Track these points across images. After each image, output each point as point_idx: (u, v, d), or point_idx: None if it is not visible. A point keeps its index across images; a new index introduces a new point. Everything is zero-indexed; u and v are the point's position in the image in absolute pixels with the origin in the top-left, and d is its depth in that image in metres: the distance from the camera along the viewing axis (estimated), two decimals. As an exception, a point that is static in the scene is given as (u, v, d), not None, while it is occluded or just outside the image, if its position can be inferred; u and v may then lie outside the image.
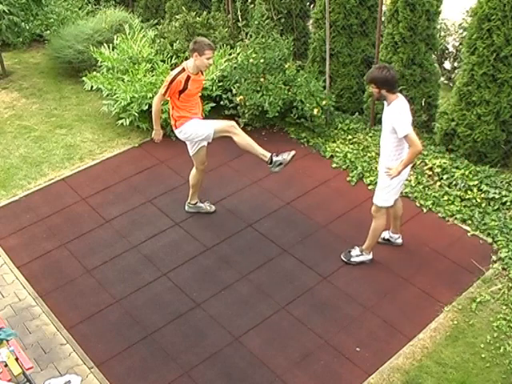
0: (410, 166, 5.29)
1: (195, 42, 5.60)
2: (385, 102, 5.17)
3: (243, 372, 4.80)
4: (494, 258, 5.70)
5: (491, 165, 6.55)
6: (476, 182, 6.36)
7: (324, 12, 7.29)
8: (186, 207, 6.45)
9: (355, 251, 5.73)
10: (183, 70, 5.63)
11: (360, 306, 5.30)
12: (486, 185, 6.32)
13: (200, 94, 6.05)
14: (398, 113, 5.01)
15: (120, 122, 7.66)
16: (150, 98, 7.38)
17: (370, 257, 5.71)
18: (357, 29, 7.44)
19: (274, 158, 5.78)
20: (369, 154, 7.03)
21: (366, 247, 5.67)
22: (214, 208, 6.46)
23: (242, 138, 5.85)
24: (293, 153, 5.77)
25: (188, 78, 5.61)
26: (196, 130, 5.85)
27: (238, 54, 7.86)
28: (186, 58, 7.87)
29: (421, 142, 6.91)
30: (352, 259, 5.71)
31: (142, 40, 8.15)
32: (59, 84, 9.22)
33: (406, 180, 6.62)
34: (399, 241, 5.90)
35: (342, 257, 5.74)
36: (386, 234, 5.88)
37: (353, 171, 6.82)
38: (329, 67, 7.57)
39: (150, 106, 7.48)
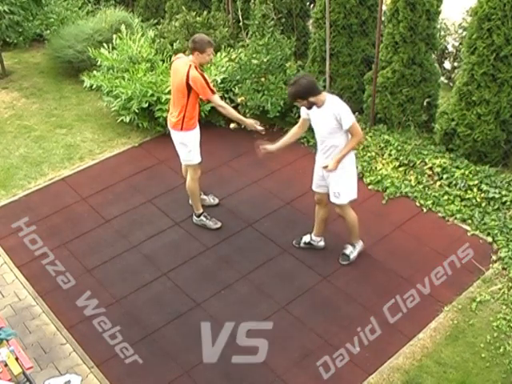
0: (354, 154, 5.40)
1: (195, 42, 5.58)
2: (314, 107, 5.14)
3: (243, 372, 4.80)
4: (493, 257, 5.70)
5: (491, 164, 6.55)
6: (476, 182, 6.36)
7: (324, 12, 7.29)
8: (190, 201, 6.30)
9: (349, 250, 5.74)
10: (195, 67, 5.58)
11: (360, 306, 5.30)
12: (486, 184, 6.32)
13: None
14: (339, 106, 5.08)
15: (120, 118, 7.66)
16: (151, 95, 7.38)
17: (361, 243, 5.76)
18: (357, 28, 7.44)
19: (202, 217, 6.17)
20: (369, 154, 7.02)
21: (354, 239, 5.71)
22: (217, 200, 6.48)
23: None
24: (219, 225, 6.17)
25: (201, 73, 5.63)
26: (197, 147, 5.95)
27: (239, 54, 7.85)
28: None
29: (420, 142, 7.02)
30: (351, 258, 5.72)
31: (141, 40, 8.15)
32: (59, 84, 9.22)
33: (406, 180, 6.65)
34: (321, 243, 5.88)
35: (342, 262, 5.72)
36: (307, 238, 5.89)
37: (353, 171, 6.82)
38: (329, 67, 7.57)
39: (150, 104, 7.50)
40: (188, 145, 5.90)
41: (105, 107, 7.99)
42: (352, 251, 5.73)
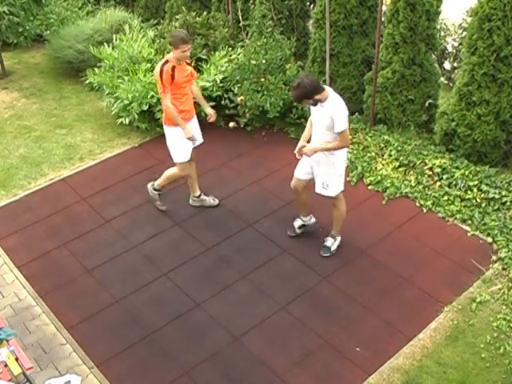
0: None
1: (171, 36, 5.84)
2: (319, 103, 5.21)
3: (243, 372, 4.80)
4: (493, 258, 5.70)
5: (491, 165, 6.55)
6: (476, 182, 6.36)
7: (324, 12, 7.29)
8: (190, 201, 6.48)
9: (329, 242, 5.85)
10: (167, 61, 5.75)
11: (360, 306, 5.30)
12: (486, 185, 6.32)
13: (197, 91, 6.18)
14: (339, 108, 5.16)
15: (119, 120, 7.66)
16: (151, 97, 7.39)
17: (340, 237, 5.88)
18: (357, 29, 7.44)
19: (157, 193, 6.36)
20: (369, 154, 7.03)
21: (337, 232, 5.84)
22: (217, 201, 6.50)
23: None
24: (163, 208, 6.40)
25: (174, 67, 5.70)
26: (177, 144, 6.00)
27: (239, 54, 7.85)
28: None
29: (420, 142, 7.03)
30: (332, 249, 5.82)
31: (141, 40, 8.15)
32: (59, 84, 9.22)
33: (406, 180, 6.65)
34: (313, 219, 6.06)
35: (323, 254, 5.82)
36: (298, 222, 6.02)
37: (353, 171, 6.82)
38: (329, 67, 7.57)
39: (151, 106, 7.50)
40: (167, 140, 6.05)
41: (105, 107, 7.98)
42: (333, 243, 5.84)
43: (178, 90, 5.82)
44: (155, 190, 6.36)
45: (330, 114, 5.12)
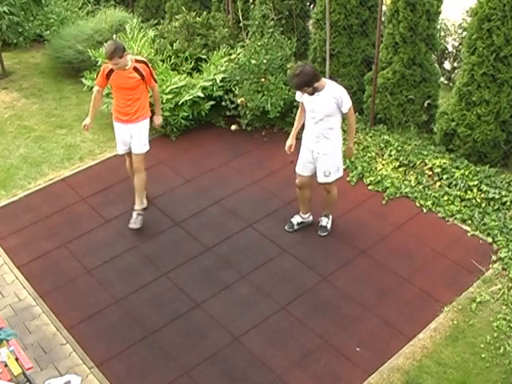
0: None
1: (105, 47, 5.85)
2: (315, 93, 5.38)
3: (243, 372, 4.80)
4: (493, 258, 5.70)
5: (491, 165, 6.55)
6: (476, 182, 6.36)
7: (324, 12, 7.29)
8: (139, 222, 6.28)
9: (325, 221, 6.06)
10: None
11: (360, 306, 5.30)
12: (486, 185, 6.32)
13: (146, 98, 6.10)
14: (341, 90, 5.38)
15: None
16: (150, 96, 7.36)
17: (331, 215, 6.12)
18: (357, 29, 7.44)
19: (138, 217, 6.20)
20: (369, 154, 7.03)
21: (330, 212, 6.08)
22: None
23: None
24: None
25: (111, 70, 5.77)
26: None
27: (239, 54, 7.86)
28: (186, 59, 7.90)
29: (420, 142, 7.04)
30: (328, 227, 6.06)
31: (142, 40, 8.15)
32: (59, 84, 9.22)
33: (406, 180, 6.65)
34: (311, 218, 6.17)
35: (321, 234, 6.02)
36: (297, 219, 6.12)
37: (353, 171, 6.82)
38: (329, 67, 7.57)
39: (151, 104, 7.48)
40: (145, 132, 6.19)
41: (105, 107, 7.97)
42: (328, 221, 6.08)
43: (116, 97, 5.98)
44: (143, 210, 6.30)
45: (333, 98, 5.32)
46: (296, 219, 6.12)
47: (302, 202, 6.03)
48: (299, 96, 5.56)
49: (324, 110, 5.39)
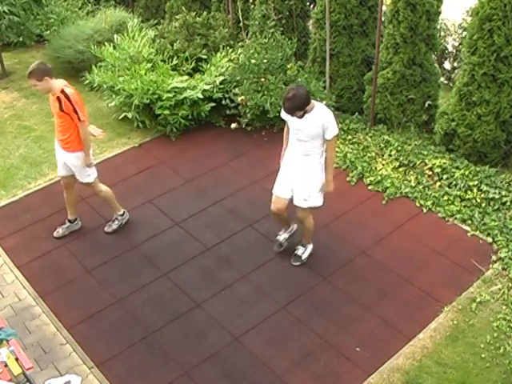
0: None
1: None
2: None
3: (243, 372, 4.80)
4: (493, 258, 5.70)
5: (491, 165, 6.55)
6: (476, 182, 6.36)
7: (324, 12, 7.30)
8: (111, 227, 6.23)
9: (300, 251, 5.73)
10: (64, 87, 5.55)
11: (360, 306, 5.30)
12: (486, 185, 6.32)
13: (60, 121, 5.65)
14: (329, 116, 5.06)
15: (123, 114, 7.66)
16: (152, 93, 7.39)
17: (311, 245, 5.78)
18: (357, 29, 7.44)
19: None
20: (369, 154, 7.03)
21: (307, 241, 5.75)
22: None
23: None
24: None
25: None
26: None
27: (239, 54, 7.86)
28: (186, 59, 7.90)
29: (420, 142, 7.03)
30: (303, 258, 5.72)
31: (142, 40, 8.15)
32: (59, 84, 9.21)
33: (406, 180, 6.65)
34: (295, 226, 5.88)
35: (294, 263, 5.71)
36: (284, 236, 5.87)
37: (353, 171, 6.82)
38: (329, 67, 7.58)
39: (152, 101, 7.49)
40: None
41: (105, 107, 7.98)
42: (304, 252, 5.74)
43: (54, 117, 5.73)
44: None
45: (320, 122, 5.02)
46: (282, 236, 5.87)
47: (281, 221, 5.77)
48: (284, 114, 5.16)
49: (309, 132, 5.08)
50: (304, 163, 5.26)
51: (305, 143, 5.18)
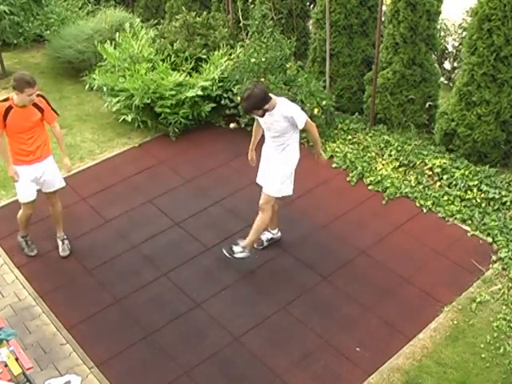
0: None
1: (14, 80, 5.23)
2: (266, 114, 5.11)
3: (243, 372, 4.80)
4: (493, 258, 5.70)
5: (491, 165, 6.55)
6: (476, 182, 6.36)
7: (324, 12, 7.30)
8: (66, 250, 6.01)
9: (237, 248, 5.62)
10: (8, 99, 5.31)
11: (360, 306, 5.30)
12: (486, 185, 6.32)
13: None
14: (290, 109, 5.09)
15: (122, 117, 7.66)
16: (153, 92, 7.38)
17: (249, 254, 5.64)
18: (357, 29, 7.45)
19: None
20: (369, 154, 7.03)
21: (248, 244, 5.59)
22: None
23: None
24: (34, 253, 5.96)
25: (9, 107, 5.25)
26: (18, 183, 5.67)
27: (239, 54, 7.86)
28: (186, 58, 7.90)
29: (420, 142, 7.04)
30: (235, 255, 5.62)
31: (142, 39, 8.15)
32: (59, 84, 9.21)
33: (406, 180, 6.65)
34: (279, 233, 5.95)
35: (225, 251, 5.62)
36: (267, 235, 5.89)
37: (353, 171, 6.82)
38: (329, 67, 7.57)
39: (153, 100, 7.49)
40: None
41: (105, 107, 7.98)
42: (239, 252, 5.61)
43: (16, 138, 5.38)
44: (22, 237, 6.03)
45: (284, 117, 5.05)
46: (265, 236, 5.89)
47: (271, 219, 5.71)
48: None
49: (278, 129, 5.14)
50: (277, 156, 5.34)
51: (278, 138, 5.25)
